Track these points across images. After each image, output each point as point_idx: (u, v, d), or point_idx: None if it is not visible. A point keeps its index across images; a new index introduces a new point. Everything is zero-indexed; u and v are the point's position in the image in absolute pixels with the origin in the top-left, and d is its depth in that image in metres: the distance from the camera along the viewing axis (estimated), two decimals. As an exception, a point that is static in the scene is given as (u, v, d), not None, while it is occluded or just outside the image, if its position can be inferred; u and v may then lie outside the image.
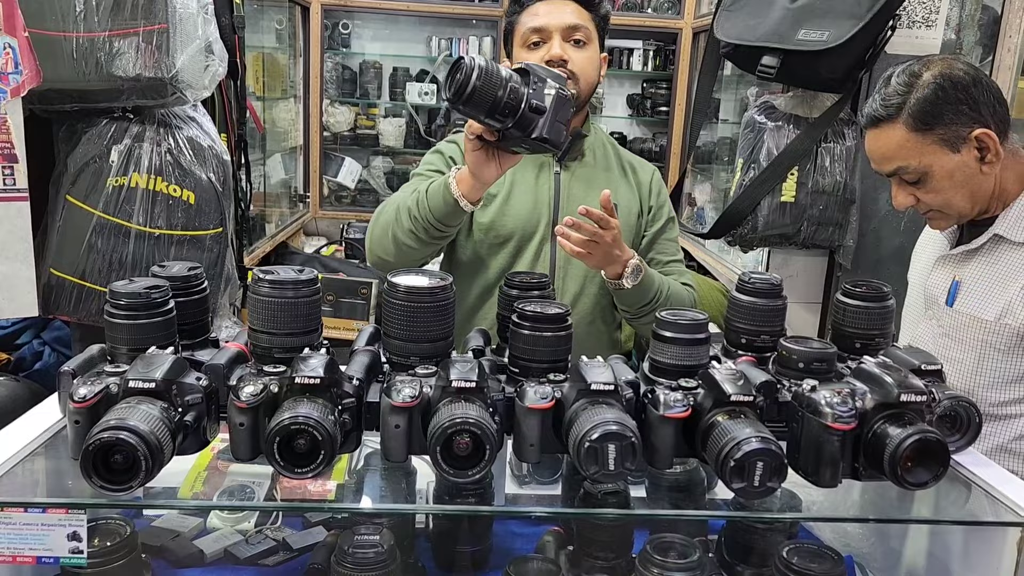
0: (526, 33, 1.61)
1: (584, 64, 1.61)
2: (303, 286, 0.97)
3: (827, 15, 1.87)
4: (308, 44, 3.91)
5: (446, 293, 0.97)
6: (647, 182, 1.73)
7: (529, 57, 1.58)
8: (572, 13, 1.62)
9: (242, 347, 1.02)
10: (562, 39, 1.60)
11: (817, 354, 1.00)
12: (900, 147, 1.37)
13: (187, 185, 1.85)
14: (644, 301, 1.56)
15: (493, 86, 1.14)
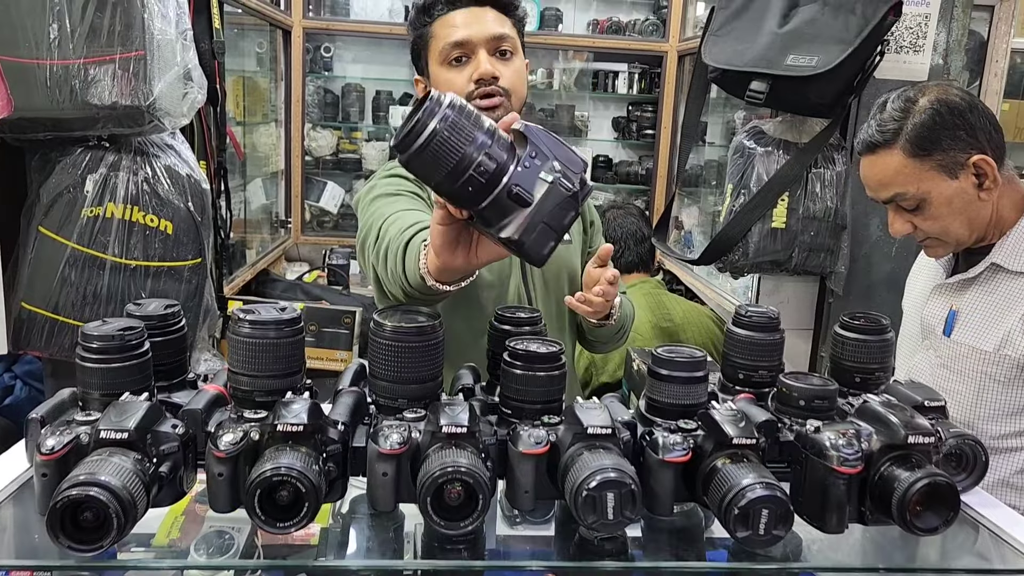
0: (446, 49, 1.42)
1: (515, 79, 1.45)
2: (285, 326, 0.93)
3: (815, 40, 1.87)
4: (289, 68, 3.89)
5: (435, 333, 0.94)
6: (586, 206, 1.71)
7: (452, 76, 1.43)
8: (494, 21, 1.44)
9: (221, 389, 0.99)
10: (488, 52, 1.42)
11: (818, 391, 0.98)
12: (897, 173, 1.37)
13: (164, 215, 1.82)
14: (617, 328, 1.57)
15: (460, 140, 0.80)
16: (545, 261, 0.87)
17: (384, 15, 4.15)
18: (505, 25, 1.46)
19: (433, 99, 0.81)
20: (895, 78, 2.00)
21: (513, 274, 1.56)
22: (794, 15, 1.97)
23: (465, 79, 1.42)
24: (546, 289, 1.60)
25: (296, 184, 4.04)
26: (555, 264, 1.60)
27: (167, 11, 1.68)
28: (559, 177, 0.84)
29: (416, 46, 1.51)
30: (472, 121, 0.82)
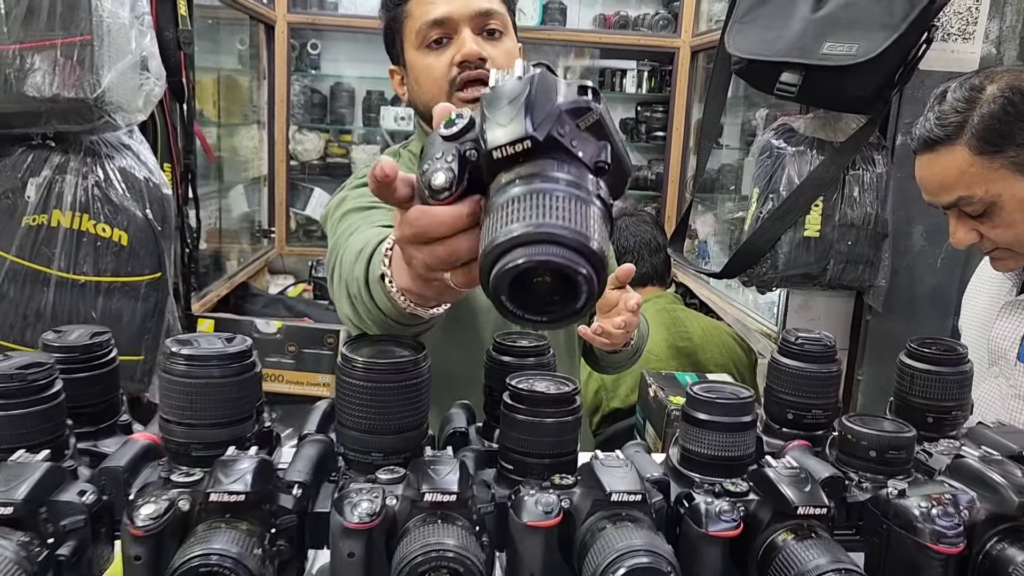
0: (423, 29, 1.25)
1: (506, 60, 1.27)
2: (232, 362, 0.77)
3: (855, 26, 1.72)
4: (273, 65, 3.75)
5: (418, 370, 0.78)
6: None
7: (432, 61, 1.27)
8: None
9: (154, 438, 0.83)
10: (473, 31, 1.26)
11: (892, 439, 0.82)
12: (962, 174, 1.21)
13: (118, 224, 1.66)
14: (632, 352, 1.45)
15: None
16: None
17: (375, 9, 3.98)
18: (493, 1, 1.29)
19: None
20: (942, 69, 1.85)
21: None
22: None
23: (446, 63, 1.26)
24: None
25: (280, 191, 3.90)
26: None
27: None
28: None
29: (389, 30, 1.35)
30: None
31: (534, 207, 0.51)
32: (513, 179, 0.54)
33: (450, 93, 1.26)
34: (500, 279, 0.51)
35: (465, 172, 0.57)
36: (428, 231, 0.60)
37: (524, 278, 0.52)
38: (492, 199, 0.54)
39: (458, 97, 1.26)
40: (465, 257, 0.61)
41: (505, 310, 0.54)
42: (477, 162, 0.57)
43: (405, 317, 0.85)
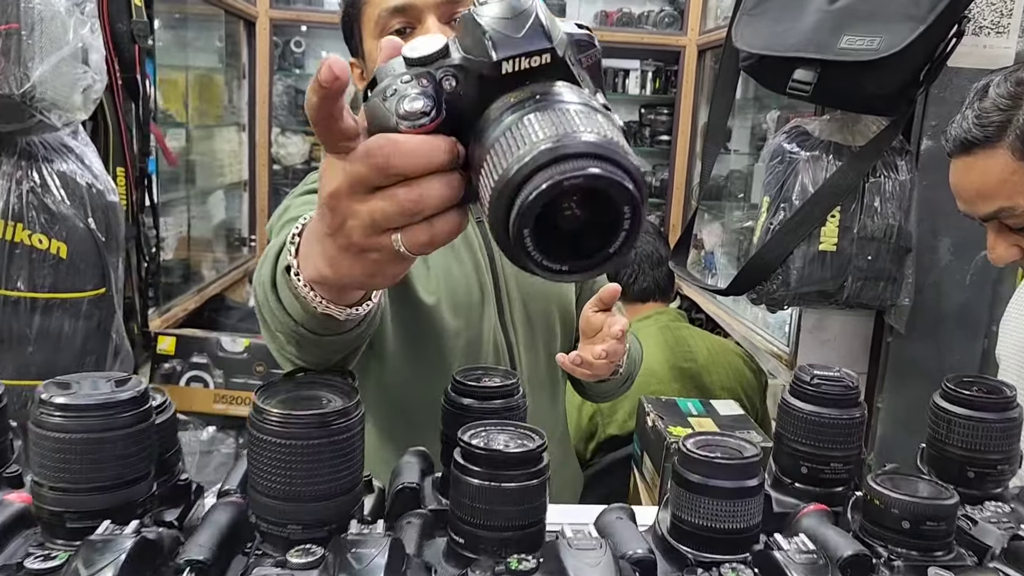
0: (383, 16, 1.14)
1: None
2: (119, 411, 0.65)
3: (876, 18, 1.60)
4: (254, 64, 3.64)
5: (347, 422, 0.65)
6: None
7: None
8: None
9: (29, 501, 0.71)
10: (439, 20, 1.14)
11: (930, 508, 0.69)
12: (1003, 181, 1.10)
13: (56, 235, 1.54)
14: (622, 381, 1.33)
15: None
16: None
17: (363, 5, 3.90)
18: None
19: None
20: (973, 66, 1.72)
21: (486, 314, 1.27)
22: (847, -13, 1.69)
23: None
24: (531, 331, 1.31)
25: (262, 196, 3.78)
26: (541, 298, 1.32)
27: (54, -25, 1.41)
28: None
29: (347, 18, 1.23)
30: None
31: (560, 122, 0.45)
32: (526, 97, 0.47)
33: None
34: (527, 210, 0.44)
35: (443, 102, 0.50)
36: (393, 165, 0.50)
37: (551, 210, 0.45)
38: (494, 125, 0.47)
39: None
40: (432, 206, 0.52)
41: (527, 257, 0.46)
42: (455, 92, 0.50)
43: (317, 322, 0.73)
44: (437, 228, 0.53)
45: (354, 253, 0.57)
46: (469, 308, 1.24)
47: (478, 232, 1.28)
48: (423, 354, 1.23)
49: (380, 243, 0.55)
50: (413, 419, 1.22)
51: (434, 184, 0.51)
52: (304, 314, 0.74)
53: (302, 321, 0.76)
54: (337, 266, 0.59)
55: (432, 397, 1.19)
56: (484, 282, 1.26)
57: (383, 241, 0.54)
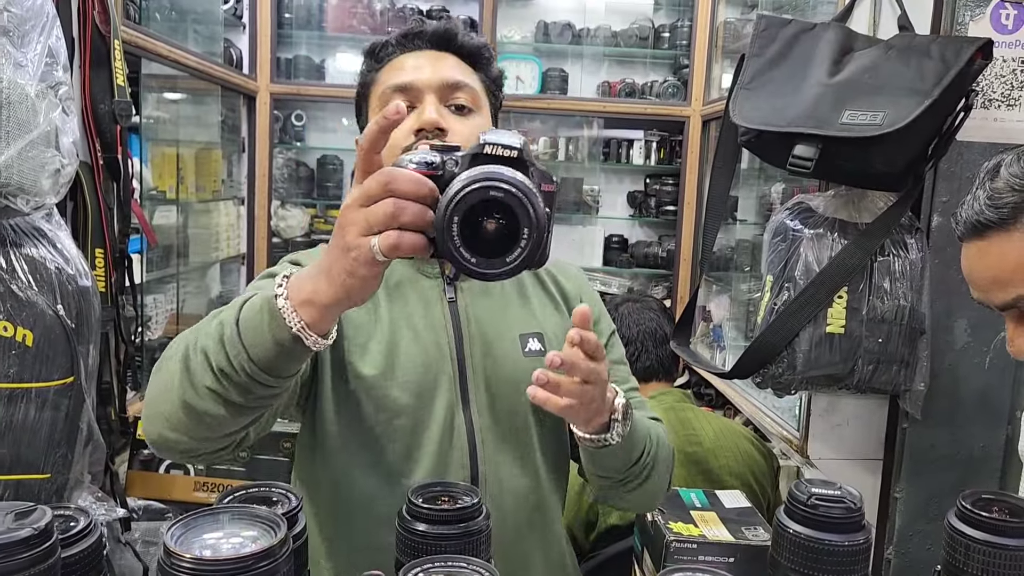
0: (386, 93, 1.23)
1: (470, 136, 1.14)
2: (17, 551, 0.58)
3: (880, 92, 1.54)
4: (254, 138, 3.64)
5: (272, 562, 0.57)
6: (575, 293, 1.35)
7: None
8: (452, 67, 1.25)
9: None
10: (438, 100, 1.21)
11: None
12: (1021, 267, 1.02)
13: (23, 322, 1.47)
14: (634, 457, 1.16)
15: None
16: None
17: (364, 78, 3.92)
18: (467, 75, 1.27)
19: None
20: (984, 140, 1.66)
21: (441, 385, 1.19)
22: (848, 61, 1.64)
23: (405, 130, 1.19)
24: (497, 422, 1.22)
25: (260, 269, 3.73)
26: (511, 386, 1.22)
27: (25, 58, 1.37)
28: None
29: (359, 98, 1.34)
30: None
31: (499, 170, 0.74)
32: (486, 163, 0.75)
33: None
34: (459, 202, 0.72)
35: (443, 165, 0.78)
36: (390, 182, 0.76)
37: (475, 214, 0.73)
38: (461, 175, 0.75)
39: None
40: (407, 220, 0.75)
41: (450, 242, 0.73)
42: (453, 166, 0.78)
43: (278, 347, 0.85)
44: (405, 238, 0.75)
45: (343, 251, 0.78)
46: (421, 378, 1.18)
47: (448, 315, 1.23)
48: (361, 431, 1.18)
49: (362, 243, 0.77)
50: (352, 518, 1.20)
51: (413, 206, 0.75)
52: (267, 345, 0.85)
53: (261, 354, 0.86)
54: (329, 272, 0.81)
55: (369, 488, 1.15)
56: (443, 362, 1.20)
57: (365, 242, 0.77)
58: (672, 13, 4.09)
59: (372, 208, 0.76)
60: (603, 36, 4.02)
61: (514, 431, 1.23)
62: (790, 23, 1.78)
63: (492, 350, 1.22)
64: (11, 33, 1.36)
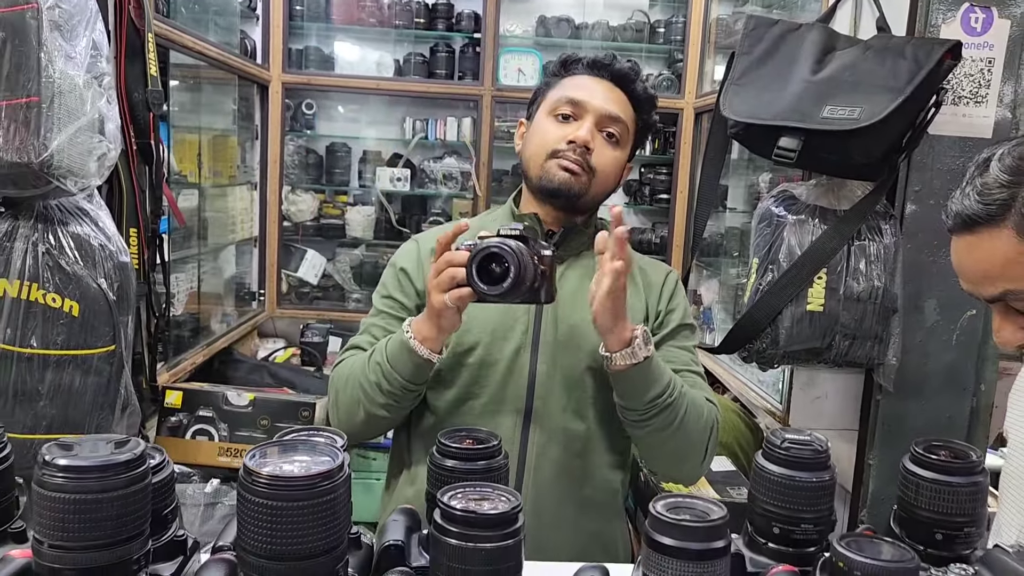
0: (559, 101, 1.47)
1: (608, 163, 1.47)
2: (116, 473, 0.68)
3: (858, 89, 1.64)
4: (267, 125, 3.72)
5: (332, 484, 0.68)
6: (658, 284, 1.54)
7: (551, 127, 1.47)
8: (618, 103, 1.48)
9: (31, 557, 0.73)
10: (595, 124, 1.45)
11: (891, 570, 0.71)
12: (1009, 262, 1.02)
13: (70, 294, 1.58)
14: (655, 392, 1.32)
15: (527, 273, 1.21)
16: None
17: (372, 69, 4.00)
18: (627, 113, 1.50)
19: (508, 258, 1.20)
20: (953, 134, 1.77)
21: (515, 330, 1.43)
22: (830, 60, 1.75)
23: (561, 134, 1.45)
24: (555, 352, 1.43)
25: (272, 252, 3.84)
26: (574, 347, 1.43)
27: (74, 51, 1.47)
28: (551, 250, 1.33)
29: (536, 92, 1.56)
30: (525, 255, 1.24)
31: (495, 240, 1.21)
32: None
33: (548, 156, 1.45)
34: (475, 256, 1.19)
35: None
36: (448, 260, 1.24)
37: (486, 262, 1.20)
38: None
39: (553, 161, 1.44)
40: (459, 279, 1.22)
41: (471, 276, 1.19)
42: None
43: (415, 370, 1.33)
44: (457, 292, 1.23)
45: (436, 309, 1.26)
46: (495, 326, 1.43)
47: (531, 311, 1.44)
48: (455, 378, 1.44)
49: (440, 300, 1.24)
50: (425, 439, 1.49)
51: (460, 271, 1.22)
52: (407, 366, 1.33)
53: (405, 373, 1.33)
54: (430, 319, 1.29)
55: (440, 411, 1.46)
56: (522, 314, 1.44)
57: (441, 299, 1.24)
58: (667, 9, 4.17)
59: (439, 278, 1.24)
60: (601, 31, 4.10)
61: (571, 381, 1.41)
62: (777, 23, 1.88)
63: (567, 314, 1.42)
64: (62, 27, 1.46)
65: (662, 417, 1.34)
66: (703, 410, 1.41)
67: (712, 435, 1.44)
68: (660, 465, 1.52)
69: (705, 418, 1.41)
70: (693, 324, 1.58)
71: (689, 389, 1.40)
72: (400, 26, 4.01)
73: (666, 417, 1.34)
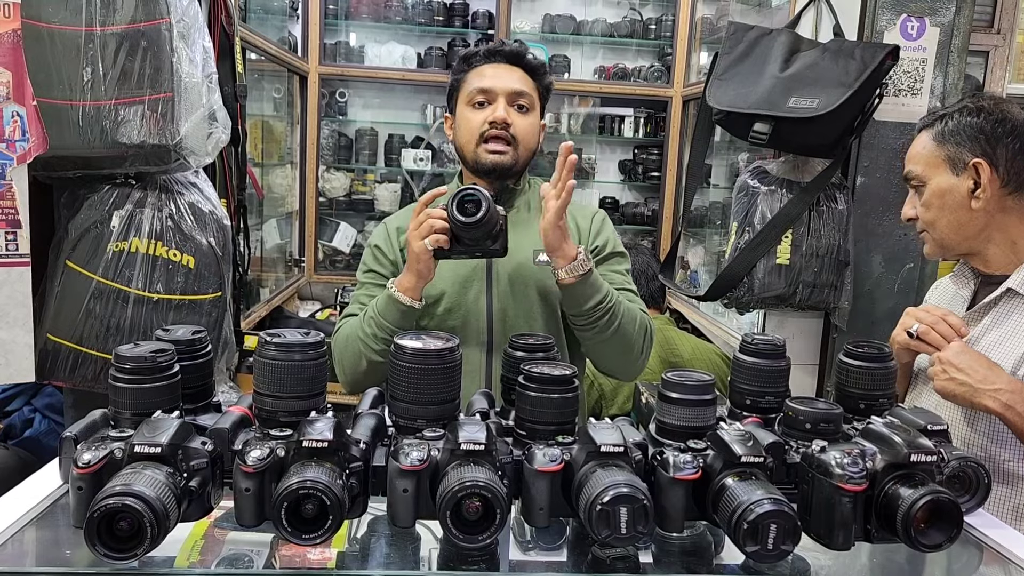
0: (472, 92, 1.62)
1: (526, 130, 1.62)
2: (310, 349, 0.96)
3: (816, 84, 1.92)
4: (305, 112, 3.98)
5: (453, 355, 0.97)
6: (587, 226, 1.70)
7: (472, 116, 1.62)
8: (518, 80, 1.63)
9: (246, 411, 1.02)
10: (507, 103, 1.61)
11: (824, 415, 1.00)
12: (917, 153, 1.43)
13: (187, 250, 1.85)
14: (596, 299, 1.49)
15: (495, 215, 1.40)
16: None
17: (397, 62, 4.25)
18: (528, 85, 1.65)
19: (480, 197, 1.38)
20: (894, 120, 2.05)
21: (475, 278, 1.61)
22: (795, 60, 2.02)
23: (482, 119, 1.61)
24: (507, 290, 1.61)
25: (310, 224, 4.11)
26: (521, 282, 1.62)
27: (194, 55, 1.74)
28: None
29: (451, 88, 1.70)
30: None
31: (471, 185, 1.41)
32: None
33: (478, 142, 1.61)
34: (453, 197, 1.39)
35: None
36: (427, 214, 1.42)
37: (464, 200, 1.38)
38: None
39: (483, 148, 1.61)
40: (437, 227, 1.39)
41: (453, 214, 1.38)
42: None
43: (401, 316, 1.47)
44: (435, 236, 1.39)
45: (415, 255, 1.42)
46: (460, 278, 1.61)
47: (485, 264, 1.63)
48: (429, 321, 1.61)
49: (420, 245, 1.40)
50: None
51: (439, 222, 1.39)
52: (395, 314, 1.48)
53: (393, 321, 1.48)
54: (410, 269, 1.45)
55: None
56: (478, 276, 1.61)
57: (421, 244, 1.40)
58: (658, 8, 4.42)
59: (420, 228, 1.40)
60: (600, 27, 4.34)
61: (521, 311, 1.61)
62: (752, 28, 2.15)
63: (511, 259, 1.55)
64: (185, 36, 1.72)
65: (604, 321, 1.50)
66: (636, 315, 1.60)
67: (647, 337, 1.61)
68: (605, 362, 1.66)
69: (639, 321, 1.60)
70: (623, 252, 1.72)
71: (623, 298, 1.57)
72: (421, 23, 4.25)
73: (607, 321, 1.50)
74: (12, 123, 1.50)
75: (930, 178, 1.41)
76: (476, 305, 1.61)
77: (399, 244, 1.65)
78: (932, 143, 1.41)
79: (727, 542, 0.93)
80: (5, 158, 1.51)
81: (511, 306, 1.62)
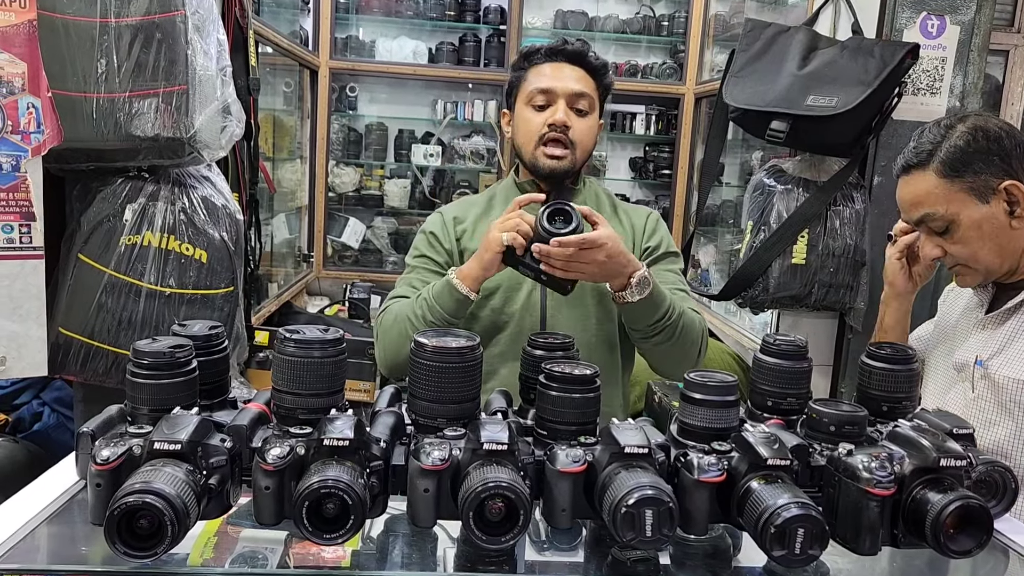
0: (532, 92, 1.61)
1: (584, 132, 1.62)
2: (329, 346, 0.95)
3: (835, 82, 1.91)
4: (316, 106, 3.97)
5: (474, 353, 0.96)
6: (641, 225, 1.70)
7: (531, 116, 1.61)
8: (579, 80, 1.62)
9: (263, 408, 1.01)
10: (567, 104, 1.60)
11: (848, 417, 0.99)
12: (928, 193, 1.38)
13: (200, 244, 1.84)
14: (654, 317, 1.50)
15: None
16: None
17: (408, 56, 4.24)
18: (588, 86, 1.63)
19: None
20: (913, 119, 2.03)
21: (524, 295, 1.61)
22: (813, 57, 2.00)
23: (541, 121, 1.60)
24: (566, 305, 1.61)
25: (319, 219, 4.10)
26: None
27: (209, 48, 1.73)
28: None
29: (511, 85, 1.69)
30: None
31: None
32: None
33: (537, 144, 1.61)
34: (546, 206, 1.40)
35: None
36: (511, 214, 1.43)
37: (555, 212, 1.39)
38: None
39: (541, 150, 1.60)
40: (522, 229, 1.40)
41: (543, 222, 1.38)
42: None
43: (457, 306, 1.47)
44: (515, 235, 1.38)
45: (488, 243, 1.41)
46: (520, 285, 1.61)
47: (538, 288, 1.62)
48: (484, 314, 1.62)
49: (497, 237, 1.41)
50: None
51: (526, 225, 1.39)
52: (450, 302, 1.47)
53: (446, 308, 1.47)
54: (477, 258, 1.45)
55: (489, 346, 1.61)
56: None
57: (498, 236, 1.40)
58: (671, 5, 4.40)
59: (508, 221, 1.41)
60: (612, 23, 4.33)
61: (576, 313, 1.62)
62: (770, 26, 2.13)
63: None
64: (200, 29, 1.72)
65: (664, 334, 1.52)
66: (695, 322, 1.61)
67: (703, 340, 1.61)
68: (663, 368, 1.68)
69: (698, 327, 1.61)
70: (677, 251, 1.72)
71: (685, 308, 1.56)
72: (433, 18, 4.24)
73: (667, 333, 1.52)
74: (27, 115, 1.49)
75: (958, 213, 1.37)
76: (530, 300, 1.61)
77: (455, 233, 1.66)
78: (942, 180, 1.36)
79: (746, 544, 0.92)
80: (20, 150, 1.50)
81: (565, 306, 1.61)
